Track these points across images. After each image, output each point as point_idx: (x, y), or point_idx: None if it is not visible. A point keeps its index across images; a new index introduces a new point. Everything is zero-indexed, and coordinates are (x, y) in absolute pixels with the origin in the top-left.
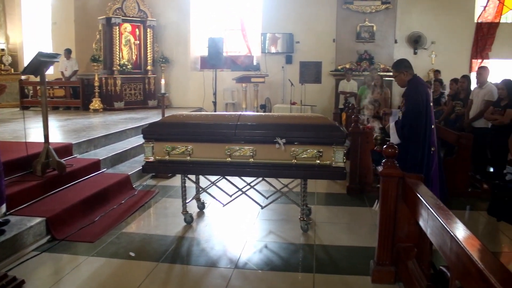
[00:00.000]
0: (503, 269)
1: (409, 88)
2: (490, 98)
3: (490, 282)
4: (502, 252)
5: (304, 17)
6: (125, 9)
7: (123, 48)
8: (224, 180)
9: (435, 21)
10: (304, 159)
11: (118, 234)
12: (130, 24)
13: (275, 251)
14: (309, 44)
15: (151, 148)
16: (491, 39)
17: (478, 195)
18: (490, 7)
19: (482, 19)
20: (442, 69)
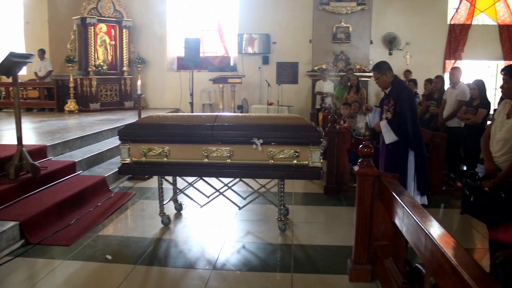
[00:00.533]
0: (475, 265)
1: (396, 89)
2: (463, 98)
3: (463, 278)
4: (475, 249)
5: (280, 18)
6: (100, 9)
7: (99, 48)
8: (202, 181)
9: (410, 22)
10: (281, 159)
11: (94, 237)
12: (106, 24)
13: (253, 252)
14: (285, 45)
15: (128, 150)
16: (463, 41)
17: (452, 193)
18: (462, 9)
19: (454, 20)
20: (417, 69)
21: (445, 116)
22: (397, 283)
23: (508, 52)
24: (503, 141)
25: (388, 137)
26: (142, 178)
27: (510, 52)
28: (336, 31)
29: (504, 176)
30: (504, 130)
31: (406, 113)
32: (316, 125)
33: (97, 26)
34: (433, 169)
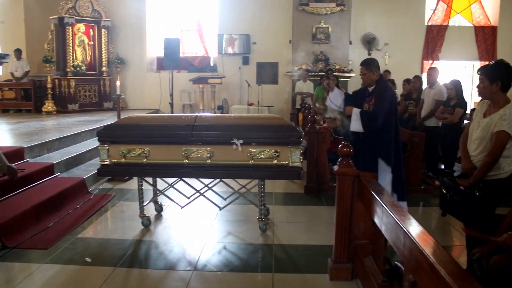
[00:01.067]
0: (452, 262)
1: (380, 88)
2: (440, 98)
3: (440, 275)
4: (453, 246)
5: (260, 19)
6: (78, 8)
7: (77, 48)
8: (182, 182)
9: (388, 23)
10: (261, 159)
11: (73, 240)
12: (84, 24)
13: (234, 252)
14: (265, 45)
15: (107, 151)
16: (440, 41)
17: (430, 191)
18: (439, 10)
19: (432, 22)
20: (395, 69)
21: (423, 116)
22: (376, 281)
23: (484, 53)
24: (479, 140)
25: (354, 126)
26: (122, 179)
27: (485, 53)
28: (315, 32)
29: (479, 175)
30: (479, 130)
31: (381, 113)
32: (296, 125)
33: (75, 26)
34: (411, 168)
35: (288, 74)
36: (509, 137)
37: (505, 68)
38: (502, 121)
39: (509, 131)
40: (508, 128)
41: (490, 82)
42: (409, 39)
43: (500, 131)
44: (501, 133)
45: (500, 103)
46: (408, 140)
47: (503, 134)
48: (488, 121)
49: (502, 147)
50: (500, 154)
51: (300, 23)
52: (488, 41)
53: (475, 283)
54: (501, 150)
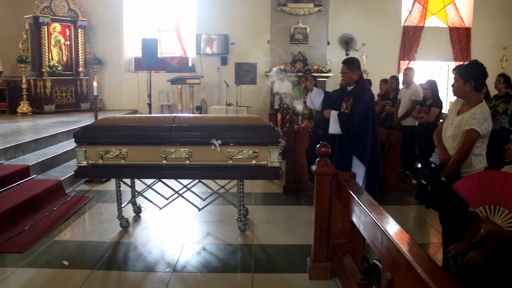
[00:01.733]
0: (428, 259)
1: (359, 88)
2: (416, 98)
3: (417, 272)
4: (430, 243)
5: (239, 19)
6: (54, 8)
7: (53, 48)
8: (160, 183)
9: (365, 24)
10: (240, 159)
11: (50, 243)
12: (60, 24)
13: (213, 253)
14: (244, 46)
15: (84, 152)
16: (416, 42)
17: (408, 190)
18: (415, 11)
19: (408, 22)
20: (373, 70)
21: (400, 116)
22: (355, 279)
23: (458, 53)
24: (452, 138)
25: (333, 128)
26: (100, 181)
27: (460, 54)
28: (294, 32)
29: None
30: (453, 127)
31: (359, 113)
32: (275, 125)
33: (51, 25)
34: (389, 167)
35: (267, 74)
36: (478, 136)
37: (478, 68)
38: (472, 120)
39: (478, 130)
40: (478, 126)
41: (464, 82)
42: (386, 39)
43: (469, 129)
44: (470, 131)
45: (472, 102)
46: (385, 140)
47: (473, 133)
48: (460, 119)
49: (470, 145)
50: (469, 152)
51: (278, 23)
52: (462, 42)
53: (450, 279)
54: (470, 148)
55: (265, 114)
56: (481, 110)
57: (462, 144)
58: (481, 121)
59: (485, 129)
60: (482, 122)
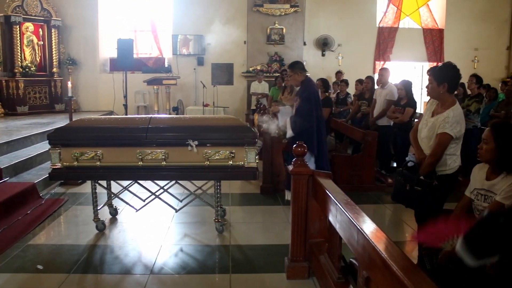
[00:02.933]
0: (404, 257)
1: (304, 88)
2: (391, 98)
3: (392, 270)
4: (405, 241)
5: (215, 19)
6: (26, 7)
7: (26, 49)
8: (137, 185)
9: (341, 25)
10: (216, 160)
11: (24, 247)
12: (33, 23)
13: (191, 254)
14: (220, 46)
15: (58, 154)
16: (391, 43)
17: (384, 189)
18: (389, 12)
19: (383, 23)
20: (348, 70)
21: (375, 115)
22: (332, 278)
23: (432, 54)
24: (426, 139)
25: (289, 133)
26: (75, 183)
27: (433, 54)
28: (270, 33)
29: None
30: (427, 128)
31: (303, 110)
32: (251, 125)
33: (23, 25)
34: (365, 166)
35: (243, 75)
36: (451, 139)
37: (452, 70)
38: (445, 123)
39: (451, 133)
40: (451, 130)
41: (438, 84)
42: (361, 40)
43: (442, 133)
44: (443, 135)
45: (446, 104)
46: (361, 139)
47: (446, 136)
48: (434, 121)
49: (443, 148)
50: (441, 155)
51: (255, 24)
52: (436, 43)
53: (425, 277)
54: (442, 151)
55: (242, 114)
56: (454, 113)
57: (435, 148)
58: (454, 125)
59: (458, 132)
60: (455, 125)
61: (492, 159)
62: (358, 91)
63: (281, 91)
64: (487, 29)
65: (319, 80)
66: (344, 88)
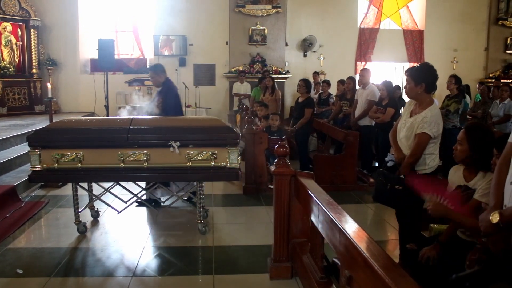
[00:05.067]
0: (385, 256)
1: (165, 88)
2: (373, 98)
3: (373, 269)
4: (388, 240)
5: (197, 20)
6: (4, 6)
7: (3, 49)
8: (119, 186)
9: (323, 26)
10: (199, 161)
11: (2, 251)
12: (11, 23)
13: (174, 256)
14: (202, 47)
15: (38, 156)
16: (372, 44)
17: (365, 188)
18: (370, 14)
19: (364, 24)
20: (330, 71)
21: (357, 116)
22: (315, 278)
23: (412, 55)
24: (405, 139)
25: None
26: (56, 185)
27: (414, 55)
28: (252, 33)
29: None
30: (405, 128)
31: (170, 108)
32: (234, 126)
33: (1, 24)
34: (346, 166)
35: (226, 76)
36: (429, 138)
37: (429, 70)
38: (424, 123)
39: (429, 133)
40: (429, 130)
41: (415, 84)
42: (343, 41)
43: (421, 133)
44: (422, 135)
45: (424, 103)
46: (343, 139)
47: (424, 136)
48: (412, 121)
49: (422, 148)
50: (421, 155)
51: (237, 24)
52: (416, 44)
53: (406, 275)
54: (421, 151)
55: (225, 115)
56: (432, 113)
57: (414, 148)
58: (432, 124)
59: (436, 131)
60: (433, 125)
61: (466, 159)
62: (339, 91)
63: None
64: (466, 31)
65: (302, 81)
66: (326, 89)
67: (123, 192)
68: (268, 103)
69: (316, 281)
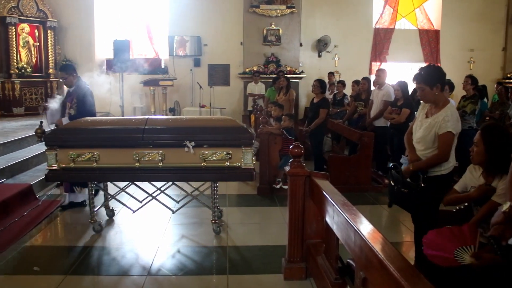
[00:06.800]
0: (401, 258)
1: (80, 89)
2: (388, 99)
3: (389, 271)
4: (403, 242)
5: (211, 20)
6: (22, 8)
7: (21, 50)
8: (134, 186)
9: (338, 26)
10: (213, 161)
11: (20, 249)
12: (28, 24)
13: (188, 255)
14: (217, 47)
15: (55, 156)
16: (387, 44)
17: (380, 190)
18: (385, 14)
19: (379, 24)
20: (345, 71)
21: (372, 116)
22: (329, 279)
23: (428, 55)
24: (421, 139)
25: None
26: None
27: (430, 55)
28: (266, 34)
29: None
30: (422, 129)
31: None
32: (248, 126)
33: (19, 26)
34: (361, 167)
35: (240, 76)
36: (454, 136)
37: (439, 70)
38: (447, 123)
39: (454, 131)
40: (453, 128)
41: (431, 87)
42: (357, 41)
43: (446, 133)
44: (447, 134)
45: (440, 103)
46: (358, 140)
47: (450, 135)
48: (431, 121)
49: (450, 147)
50: (449, 154)
51: (251, 25)
52: (432, 44)
53: (422, 277)
54: (450, 149)
55: (239, 115)
56: (451, 111)
57: (442, 148)
58: (454, 122)
59: (458, 128)
60: (456, 123)
61: (482, 161)
62: (354, 92)
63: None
64: (483, 30)
65: (317, 81)
66: (341, 89)
67: (138, 192)
68: (282, 103)
69: (330, 282)
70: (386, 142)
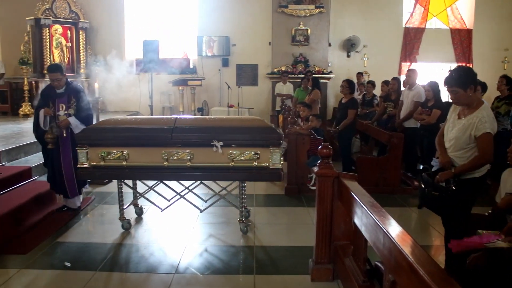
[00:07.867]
0: (431, 262)
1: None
2: (418, 99)
3: (419, 274)
4: (433, 245)
5: (240, 21)
6: (55, 9)
7: (54, 50)
8: (162, 185)
9: (367, 26)
10: (241, 161)
11: (52, 244)
12: (61, 25)
13: (215, 254)
14: (245, 47)
15: (86, 154)
16: (418, 43)
17: (410, 191)
18: (416, 13)
19: (409, 24)
20: (374, 71)
21: (402, 117)
22: (357, 281)
23: (460, 55)
24: (454, 140)
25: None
26: (102, 182)
27: (462, 55)
28: (295, 34)
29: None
30: (455, 130)
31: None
32: (276, 126)
33: (52, 27)
34: (390, 168)
35: (268, 76)
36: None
37: (469, 71)
38: (484, 124)
39: (492, 132)
40: (491, 129)
41: (464, 90)
42: (387, 41)
43: (484, 134)
44: (487, 136)
45: (474, 104)
46: (387, 141)
47: (489, 136)
48: (465, 122)
49: (491, 147)
50: (492, 155)
51: (280, 25)
52: (464, 44)
53: (453, 282)
54: (492, 150)
55: (267, 115)
56: (487, 112)
57: (484, 150)
58: (492, 123)
59: (495, 128)
60: (493, 122)
61: None
62: (384, 92)
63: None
64: None
65: (345, 81)
66: (370, 90)
67: (166, 190)
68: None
69: (358, 284)
70: (416, 144)
